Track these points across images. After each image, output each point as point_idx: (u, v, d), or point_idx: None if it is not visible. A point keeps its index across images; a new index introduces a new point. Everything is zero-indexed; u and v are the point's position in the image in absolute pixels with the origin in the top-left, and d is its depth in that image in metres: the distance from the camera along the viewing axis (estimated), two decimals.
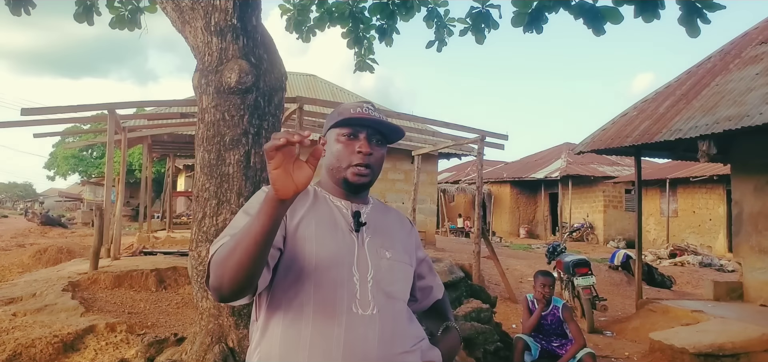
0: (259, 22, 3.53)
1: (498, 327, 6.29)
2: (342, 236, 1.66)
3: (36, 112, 8.88)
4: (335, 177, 1.74)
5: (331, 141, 1.75)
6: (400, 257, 1.74)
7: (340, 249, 1.63)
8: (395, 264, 1.71)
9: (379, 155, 1.74)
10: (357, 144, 1.69)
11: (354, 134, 1.70)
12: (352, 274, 1.61)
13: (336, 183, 1.76)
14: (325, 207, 1.71)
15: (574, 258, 9.47)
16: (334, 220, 1.69)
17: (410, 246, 1.86)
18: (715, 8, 4.18)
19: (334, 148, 1.72)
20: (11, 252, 14.11)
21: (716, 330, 7.10)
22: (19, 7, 5.45)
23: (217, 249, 1.50)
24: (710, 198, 22.22)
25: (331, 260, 1.60)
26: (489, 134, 10.96)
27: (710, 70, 9.73)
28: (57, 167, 44.81)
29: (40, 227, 23.87)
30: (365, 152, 1.68)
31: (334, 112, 1.77)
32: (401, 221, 1.91)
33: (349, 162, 1.69)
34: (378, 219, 1.78)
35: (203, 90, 3.41)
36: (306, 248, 1.60)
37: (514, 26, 4.89)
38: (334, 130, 1.73)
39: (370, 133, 1.71)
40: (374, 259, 1.67)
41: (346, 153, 1.70)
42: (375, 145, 1.72)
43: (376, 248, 1.70)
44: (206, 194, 3.39)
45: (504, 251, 18.71)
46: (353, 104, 1.75)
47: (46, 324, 5.28)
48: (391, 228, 1.81)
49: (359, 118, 1.69)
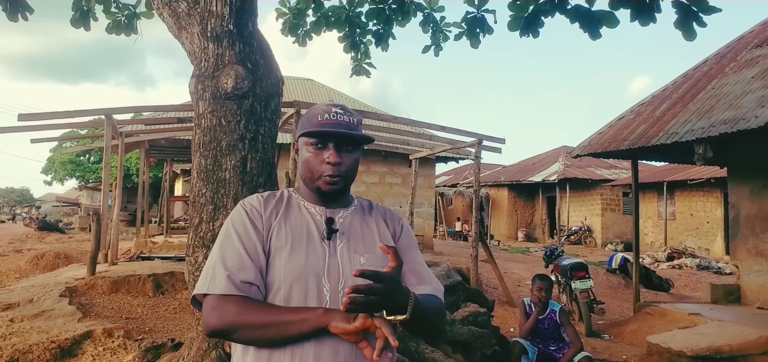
0: (255, 27, 3.54)
1: (495, 331, 6.30)
2: (312, 246, 1.62)
3: (33, 117, 8.87)
4: (309, 186, 1.71)
5: (301, 149, 1.71)
6: (377, 261, 1.65)
7: (309, 259, 1.59)
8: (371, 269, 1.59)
9: (350, 161, 1.68)
10: (326, 153, 1.64)
11: (322, 144, 1.65)
12: (322, 285, 1.58)
13: (310, 191, 1.72)
14: (297, 216, 1.69)
15: (572, 262, 9.48)
16: (307, 229, 1.66)
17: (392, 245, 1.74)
18: (710, 11, 4.19)
19: (304, 156, 1.69)
20: (8, 257, 14.09)
21: (714, 332, 7.11)
22: (17, 12, 5.45)
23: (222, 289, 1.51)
24: (708, 201, 22.26)
25: (299, 272, 1.57)
26: (486, 138, 10.97)
27: (706, 73, 9.75)
28: (54, 172, 44.74)
29: (38, 232, 23.84)
30: (334, 162, 1.64)
31: (304, 118, 1.72)
32: (387, 218, 1.84)
33: (320, 172, 1.65)
34: (356, 223, 1.74)
35: (200, 95, 3.42)
36: (276, 261, 1.59)
37: (510, 30, 4.90)
38: (303, 138, 1.69)
39: (338, 142, 1.65)
40: (347, 267, 1.62)
41: (316, 163, 1.66)
42: (345, 152, 1.66)
43: (350, 254, 1.65)
44: (203, 199, 3.40)
45: (502, 254, 18.72)
46: (322, 110, 1.68)
47: (44, 329, 5.27)
48: (371, 230, 1.75)
49: (326, 131, 1.63)
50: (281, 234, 1.62)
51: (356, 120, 1.70)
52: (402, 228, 1.85)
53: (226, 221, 1.68)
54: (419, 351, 4.76)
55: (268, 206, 1.68)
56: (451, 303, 6.18)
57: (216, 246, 1.63)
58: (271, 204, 1.69)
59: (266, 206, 1.68)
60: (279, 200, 1.72)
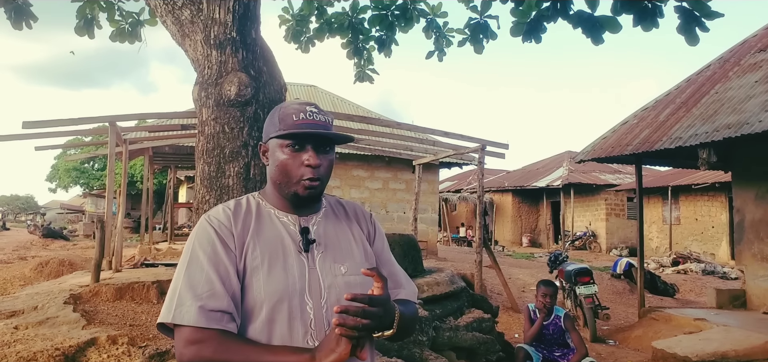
0: (258, 34, 3.55)
1: (500, 337, 6.28)
2: (290, 262, 1.52)
3: (37, 124, 8.90)
4: (282, 191, 1.59)
5: (274, 150, 1.59)
6: (357, 269, 1.58)
7: (289, 277, 1.50)
8: (352, 278, 1.58)
9: (328, 162, 1.59)
10: (304, 156, 1.54)
11: (300, 145, 1.55)
12: (304, 303, 1.49)
13: (282, 197, 1.61)
14: (270, 228, 1.58)
15: (577, 267, 9.46)
16: (281, 242, 1.55)
17: (369, 250, 1.70)
18: (713, 16, 4.19)
19: (278, 158, 1.57)
20: (13, 264, 14.12)
21: (719, 338, 7.08)
22: (21, 20, 5.48)
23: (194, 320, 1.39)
24: (712, 206, 22.19)
25: (281, 293, 1.48)
26: (490, 143, 10.97)
27: (710, 77, 9.74)
28: (58, 179, 44.90)
29: (42, 239, 23.89)
30: (315, 164, 1.54)
31: (275, 118, 1.60)
32: (359, 218, 1.76)
33: (300, 175, 1.54)
34: (330, 229, 1.65)
35: (203, 102, 3.43)
36: (253, 282, 1.48)
37: (513, 35, 4.91)
38: (276, 140, 1.57)
39: (316, 143, 1.55)
40: (328, 279, 1.55)
41: (294, 166, 1.55)
42: (322, 153, 1.57)
43: (329, 265, 1.57)
44: (206, 206, 3.40)
45: (506, 260, 18.70)
46: (295, 108, 1.56)
47: (48, 337, 5.28)
48: (345, 234, 1.67)
49: (305, 132, 1.53)
50: (256, 252, 1.51)
51: (330, 119, 1.61)
52: (375, 228, 1.79)
53: (191, 239, 1.53)
54: (423, 357, 4.74)
55: (238, 220, 1.55)
56: (455, 309, 6.17)
57: (180, 268, 1.48)
58: (240, 218, 1.56)
59: (236, 221, 1.55)
60: (247, 211, 1.60)
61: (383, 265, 1.73)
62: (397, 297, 1.68)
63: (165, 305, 1.45)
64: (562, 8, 4.68)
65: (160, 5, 3.63)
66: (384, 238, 1.81)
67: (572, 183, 27.32)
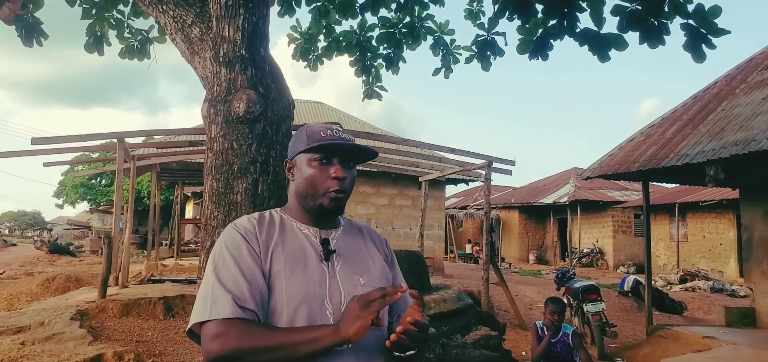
0: (266, 52, 3.57)
1: (507, 355, 6.26)
2: (312, 269, 1.61)
3: (46, 141, 8.97)
4: (308, 203, 1.69)
5: (301, 165, 1.70)
6: (374, 282, 1.67)
7: (310, 283, 1.59)
8: (370, 289, 1.60)
9: (352, 177, 1.70)
10: (331, 169, 1.65)
11: (327, 159, 1.66)
12: (324, 308, 1.57)
13: (306, 210, 1.71)
14: (293, 238, 1.67)
15: (584, 284, 9.41)
16: (304, 251, 1.64)
17: (387, 270, 1.80)
18: (720, 33, 4.20)
19: (306, 173, 1.68)
20: (20, 280, 14.16)
21: (728, 356, 7.03)
22: (32, 38, 5.53)
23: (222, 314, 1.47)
24: (720, 223, 22.09)
25: (302, 296, 1.56)
26: (496, 160, 10.97)
27: (716, 95, 9.73)
28: (66, 195, 45.10)
29: (49, 255, 23.94)
30: (341, 177, 1.65)
31: (302, 135, 1.72)
32: (375, 240, 1.86)
33: (326, 188, 1.65)
34: (349, 244, 1.74)
35: (212, 119, 3.44)
36: (276, 285, 1.57)
37: (519, 53, 4.93)
38: (304, 155, 1.69)
39: (342, 157, 1.67)
40: (347, 288, 1.62)
41: (321, 178, 1.65)
42: (347, 168, 1.68)
43: (349, 275, 1.66)
44: (214, 222, 3.41)
45: (513, 277, 18.62)
46: (322, 127, 1.71)
47: (55, 353, 5.29)
48: (363, 250, 1.77)
49: (333, 143, 1.65)
50: (279, 258, 1.60)
51: (353, 139, 1.72)
52: (391, 251, 1.89)
53: (218, 245, 1.64)
54: None
55: (262, 229, 1.66)
56: (463, 326, 6.15)
57: (210, 271, 1.58)
58: (264, 227, 1.67)
59: (260, 229, 1.66)
60: (271, 222, 1.70)
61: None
62: None
63: (197, 309, 1.53)
64: (568, 26, 4.69)
65: (170, 23, 3.66)
66: (397, 264, 1.90)
67: (579, 200, 27.25)
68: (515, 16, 4.92)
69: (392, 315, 1.78)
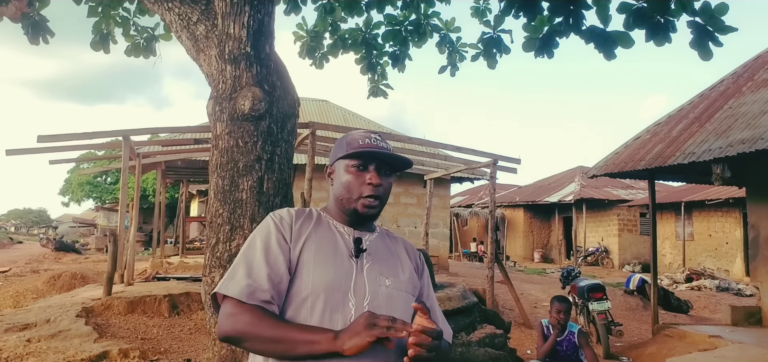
0: (272, 49, 3.57)
1: (512, 353, 6.24)
2: (340, 261, 1.68)
3: (52, 138, 8.97)
4: (344, 207, 1.76)
5: (340, 171, 1.77)
6: (401, 286, 1.74)
7: (337, 273, 1.65)
8: (394, 292, 1.72)
9: (387, 185, 1.76)
10: (367, 176, 1.72)
11: (364, 166, 1.73)
12: (347, 299, 1.62)
13: (343, 212, 1.78)
14: (327, 232, 1.74)
15: (589, 283, 9.39)
16: (335, 245, 1.71)
17: (415, 278, 1.85)
18: (727, 31, 4.17)
19: (343, 178, 1.74)
20: (26, 277, 14.21)
21: (735, 355, 6.99)
22: (38, 35, 5.54)
23: (238, 294, 1.57)
24: (726, 222, 22.00)
25: (327, 284, 1.62)
26: (501, 158, 10.94)
27: (723, 92, 9.68)
28: (71, 193, 45.18)
29: (55, 253, 24.02)
30: (376, 183, 1.71)
31: (343, 142, 1.79)
32: (408, 249, 1.91)
33: (360, 193, 1.72)
34: (381, 247, 1.80)
35: (217, 117, 3.44)
36: (304, 272, 1.64)
37: (525, 51, 4.91)
38: (343, 161, 1.76)
39: (379, 165, 1.73)
40: (373, 286, 1.68)
41: (357, 184, 1.72)
42: (383, 176, 1.74)
43: (376, 275, 1.70)
44: (220, 220, 3.41)
45: (518, 276, 18.59)
46: (361, 134, 1.77)
47: (60, 350, 5.30)
48: (394, 257, 1.82)
49: (369, 151, 1.71)
50: (311, 247, 1.68)
51: (391, 148, 1.79)
52: (423, 263, 1.93)
53: (255, 231, 1.74)
54: None
55: (299, 219, 1.75)
56: (467, 324, 6.14)
57: (241, 252, 1.69)
58: (302, 218, 1.76)
59: (297, 219, 1.74)
60: (309, 216, 1.78)
61: (426, 299, 1.88)
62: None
63: (222, 281, 1.65)
64: (574, 23, 4.67)
65: (176, 20, 3.66)
66: (429, 277, 1.95)
67: (584, 198, 27.18)
68: (521, 13, 4.91)
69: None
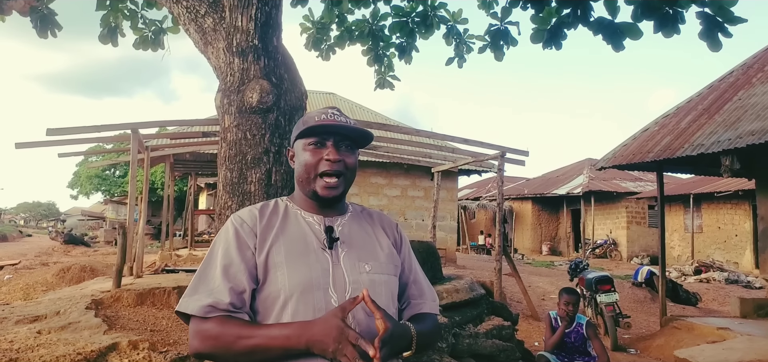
0: (279, 42, 3.57)
1: (520, 345, 6.25)
2: (315, 257, 1.59)
3: (61, 131, 9.00)
4: (305, 189, 1.68)
5: (298, 152, 1.70)
6: (381, 269, 1.67)
7: (312, 271, 1.56)
8: (376, 277, 1.64)
9: (350, 161, 1.67)
10: (324, 152, 1.63)
11: (321, 142, 1.64)
12: (328, 297, 1.55)
13: (307, 196, 1.70)
14: (295, 227, 1.66)
15: (597, 275, 9.38)
16: (305, 240, 1.62)
17: (395, 255, 1.77)
18: (736, 22, 4.15)
19: (301, 157, 1.67)
20: (35, 270, 14.30)
21: (743, 347, 6.98)
22: (46, 29, 5.57)
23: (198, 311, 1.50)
24: (736, 214, 21.89)
25: (304, 286, 1.54)
26: (509, 150, 10.90)
27: (732, 84, 9.62)
28: (80, 186, 45.40)
29: (64, 246, 24.16)
30: (333, 159, 1.62)
31: (300, 122, 1.72)
32: (384, 225, 1.83)
33: (317, 170, 1.64)
34: (355, 230, 1.72)
35: (225, 110, 3.45)
36: (278, 277, 1.55)
37: (533, 42, 4.90)
38: (301, 141, 1.68)
39: (337, 140, 1.65)
40: (352, 275, 1.60)
41: (314, 161, 1.64)
42: (344, 151, 1.65)
43: (354, 262, 1.63)
44: (228, 212, 3.42)
45: (526, 268, 18.58)
46: (318, 111, 1.69)
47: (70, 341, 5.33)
48: (370, 237, 1.74)
49: (325, 125, 1.63)
50: (280, 248, 1.59)
51: (352, 122, 1.69)
52: (401, 236, 1.86)
53: (216, 239, 1.65)
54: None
55: (263, 219, 1.65)
56: (475, 316, 6.14)
57: (202, 263, 1.61)
58: (265, 217, 1.66)
59: (261, 219, 1.65)
60: (274, 212, 1.69)
61: (409, 272, 1.81)
62: (420, 310, 1.77)
63: (184, 295, 1.57)
64: (582, 15, 4.66)
65: (183, 13, 3.67)
66: (409, 246, 1.88)
67: (593, 190, 27.11)
68: (529, 5, 4.90)
69: (402, 302, 1.78)
